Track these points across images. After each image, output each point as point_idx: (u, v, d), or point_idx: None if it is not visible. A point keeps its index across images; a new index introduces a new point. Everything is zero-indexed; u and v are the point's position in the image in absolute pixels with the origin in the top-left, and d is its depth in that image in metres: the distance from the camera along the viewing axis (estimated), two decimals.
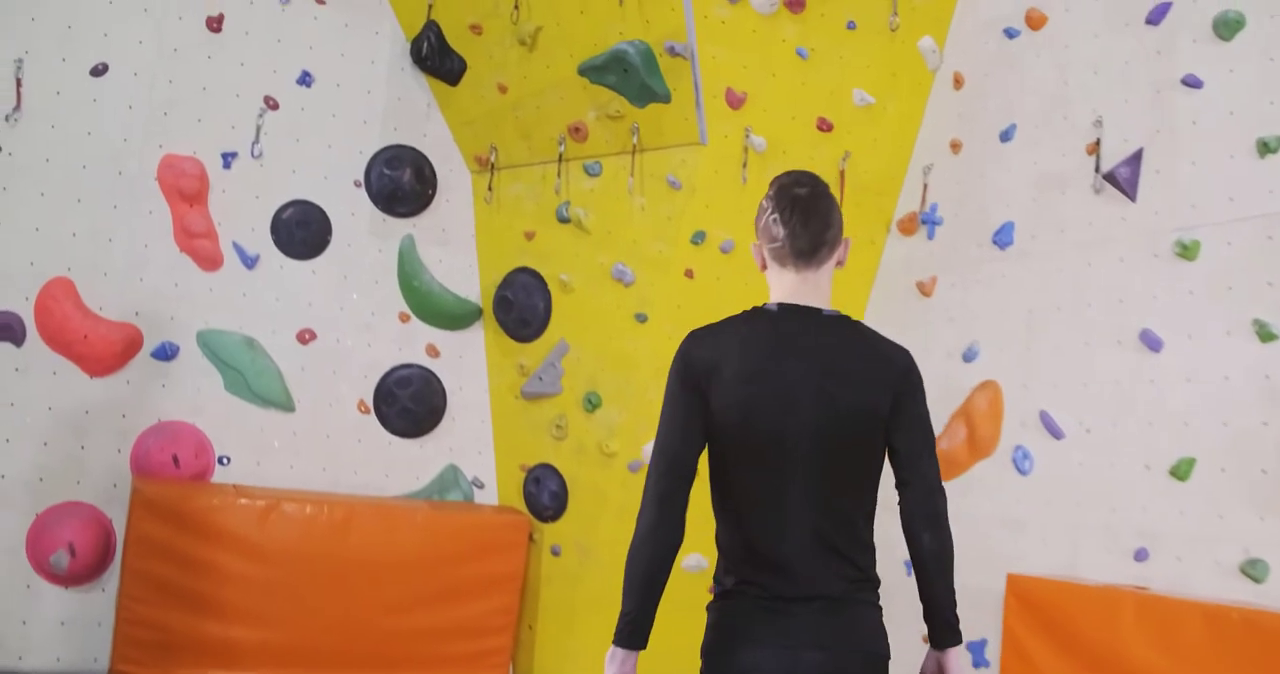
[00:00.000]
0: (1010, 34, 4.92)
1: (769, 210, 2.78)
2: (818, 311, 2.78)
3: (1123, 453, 4.29)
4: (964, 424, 4.90)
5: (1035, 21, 4.82)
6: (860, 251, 5.32)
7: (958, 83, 5.15)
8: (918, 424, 2.78)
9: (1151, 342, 4.24)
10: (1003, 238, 4.86)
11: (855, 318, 2.86)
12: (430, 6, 5.52)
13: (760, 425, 2.65)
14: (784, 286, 2.78)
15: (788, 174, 2.86)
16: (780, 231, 2.74)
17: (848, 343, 2.77)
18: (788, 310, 2.76)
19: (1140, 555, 4.18)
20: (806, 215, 2.74)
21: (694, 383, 2.70)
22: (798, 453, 2.66)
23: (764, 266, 2.85)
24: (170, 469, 5.12)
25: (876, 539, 2.76)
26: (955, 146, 5.12)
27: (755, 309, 2.82)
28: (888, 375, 2.75)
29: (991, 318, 4.88)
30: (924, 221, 5.21)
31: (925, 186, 5.23)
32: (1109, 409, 4.37)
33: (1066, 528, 4.45)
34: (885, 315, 5.26)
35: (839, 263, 2.84)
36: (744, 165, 5.03)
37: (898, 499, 2.73)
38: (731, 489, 2.73)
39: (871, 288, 5.42)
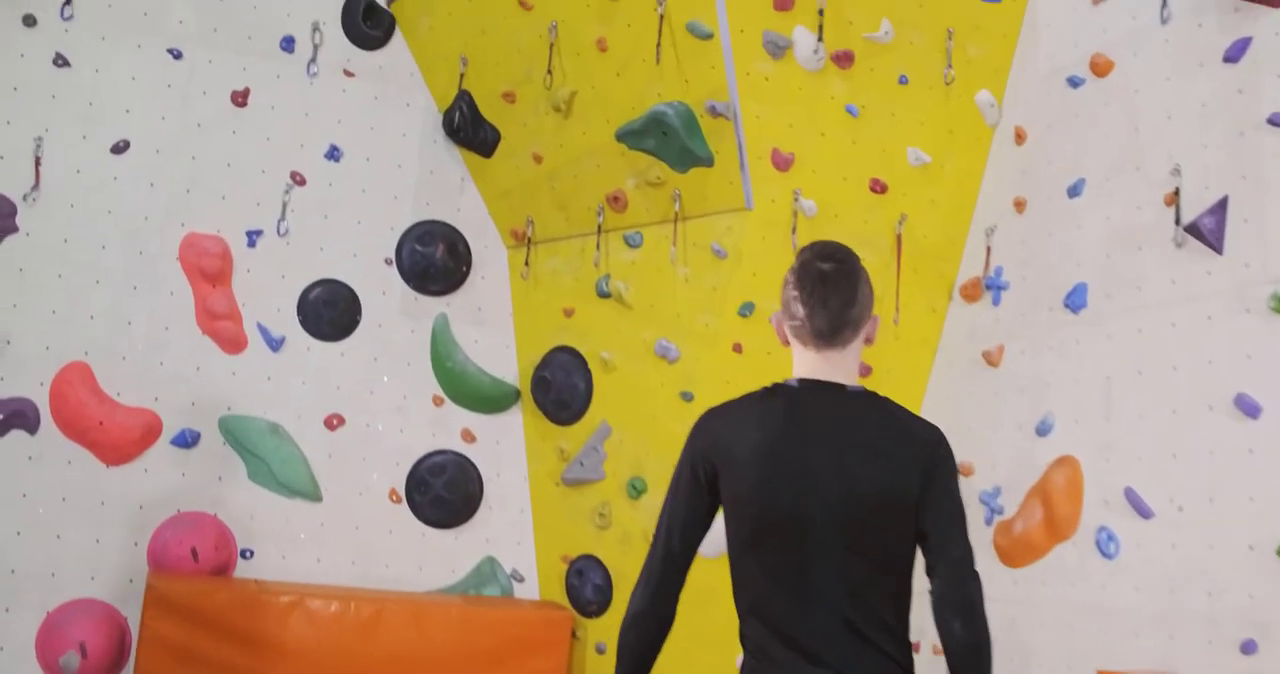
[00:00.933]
0: (1074, 83, 4.60)
1: (790, 286, 2.71)
2: (841, 388, 2.67)
3: (1222, 532, 3.85)
4: (1040, 504, 4.48)
5: (1101, 68, 4.50)
6: (921, 320, 4.98)
7: (1019, 137, 4.83)
8: (947, 505, 2.65)
9: (1248, 407, 3.82)
10: (1075, 300, 4.49)
11: (884, 392, 2.74)
12: (462, 76, 5.31)
13: (779, 506, 2.55)
14: (806, 363, 2.70)
15: (813, 246, 2.77)
16: (800, 310, 2.66)
17: (872, 420, 2.66)
18: (809, 386, 2.67)
19: (1248, 648, 3.71)
20: (828, 294, 2.64)
21: (704, 463, 2.66)
22: (819, 535, 2.55)
23: (786, 341, 2.76)
24: (189, 563, 4.82)
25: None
26: (1019, 205, 4.78)
27: (775, 385, 2.72)
28: (914, 453, 2.63)
29: (1066, 387, 4.49)
30: (988, 286, 4.86)
31: (988, 249, 4.88)
32: (1203, 484, 3.94)
33: (1161, 618, 4.00)
34: (950, 388, 4.91)
35: (867, 340, 2.74)
36: (793, 231, 4.72)
37: (929, 586, 2.62)
38: (752, 573, 2.62)
39: (934, 359, 5.06)
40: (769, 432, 2.62)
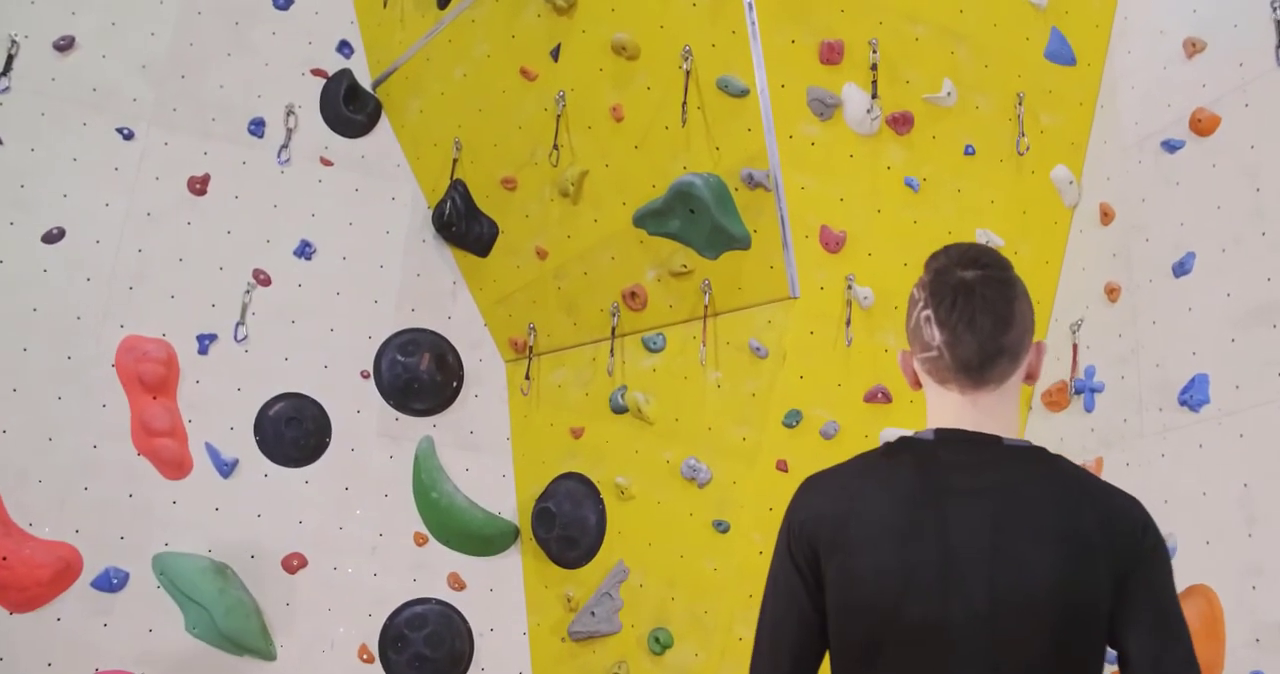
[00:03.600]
0: (1171, 147, 3.94)
1: (920, 304, 2.05)
2: (995, 441, 2.00)
3: None
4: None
5: (1205, 126, 3.85)
6: None
7: (1106, 216, 4.14)
8: (1160, 614, 1.92)
9: None
10: (1194, 396, 3.71)
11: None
12: (455, 163, 4.65)
13: (907, 612, 1.89)
14: (945, 409, 2.04)
15: (949, 251, 2.10)
16: (936, 335, 2.00)
17: (1044, 487, 1.97)
18: (950, 440, 2.01)
19: None
20: (975, 311, 1.98)
21: (804, 549, 2.01)
22: (964, 654, 1.87)
23: (916, 384, 2.12)
24: None
25: None
26: (1111, 293, 4.06)
27: (902, 439, 2.08)
28: (1109, 537, 1.92)
29: (1190, 501, 3.67)
30: (1078, 391, 4.09)
31: (1075, 347, 4.14)
32: None
33: None
34: None
35: (1029, 377, 2.08)
36: (847, 324, 3.98)
37: None
38: None
39: None
40: (893, 505, 1.97)
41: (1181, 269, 3.87)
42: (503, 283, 4.68)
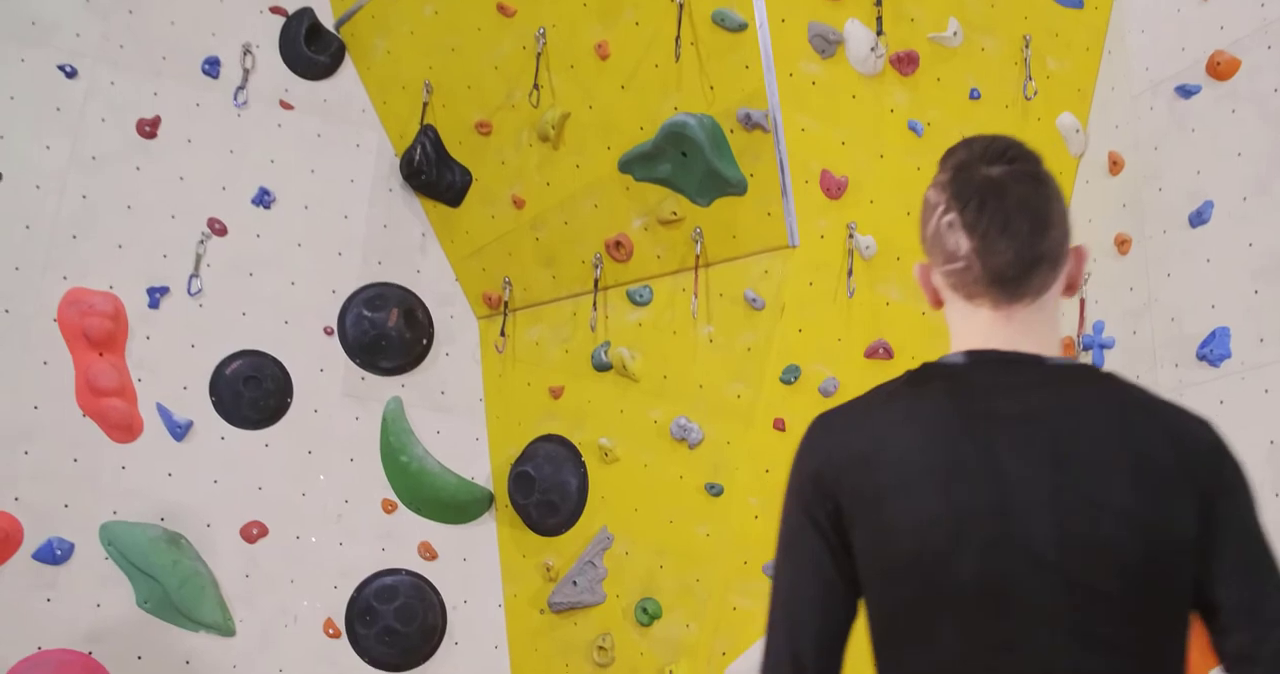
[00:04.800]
0: (1187, 92, 3.76)
1: (940, 207, 1.76)
2: (1038, 361, 1.72)
3: None
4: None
5: (1223, 70, 3.67)
6: None
7: (1115, 165, 3.96)
8: (1252, 553, 1.65)
9: None
10: (1214, 350, 3.54)
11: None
12: (425, 107, 4.36)
13: (962, 567, 1.60)
14: (975, 330, 1.75)
15: (970, 143, 1.81)
16: (963, 243, 1.72)
17: (1104, 410, 1.68)
18: (986, 362, 1.73)
19: None
20: (1010, 213, 1.70)
21: (828, 507, 1.70)
22: (1031, 609, 1.59)
23: (937, 301, 1.84)
24: None
25: None
26: (1122, 244, 3.88)
27: (926, 367, 1.78)
28: (1185, 464, 1.65)
29: None
30: (1086, 347, 3.91)
31: (1082, 302, 3.95)
32: None
33: None
34: None
35: (1069, 288, 1.80)
36: (848, 274, 3.76)
37: None
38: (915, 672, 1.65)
39: None
40: (929, 440, 1.67)
41: (1199, 219, 3.70)
42: (476, 234, 4.40)
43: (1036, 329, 1.74)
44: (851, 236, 3.77)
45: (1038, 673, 1.59)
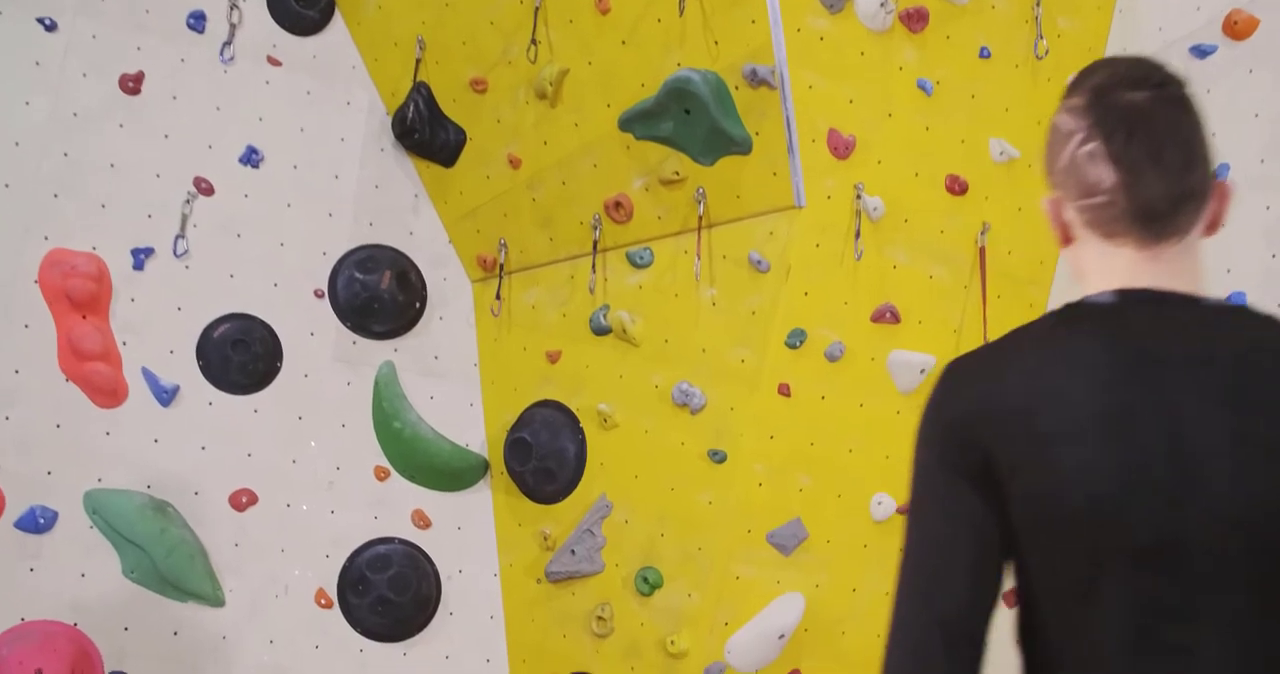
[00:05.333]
0: (1202, 52, 3.67)
1: (1079, 136, 1.63)
2: (1194, 302, 1.62)
3: None
4: None
5: (1240, 29, 3.58)
6: None
7: None
8: None
9: None
10: None
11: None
12: (418, 63, 4.24)
13: (1134, 524, 1.49)
14: (1115, 271, 1.63)
15: (1112, 63, 1.72)
16: (1106, 176, 1.60)
17: (1276, 353, 1.55)
18: (1140, 303, 1.60)
19: None
20: (1161, 141, 1.59)
21: (976, 460, 1.56)
22: (1214, 574, 1.48)
23: (1067, 239, 1.71)
24: None
25: None
26: None
27: (1070, 307, 1.66)
28: None
29: None
30: None
31: None
32: None
33: None
34: None
35: (1210, 227, 1.69)
36: (856, 236, 3.66)
37: None
38: (1081, 644, 1.52)
39: None
40: (1090, 384, 1.55)
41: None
42: (470, 195, 4.29)
43: (1184, 270, 1.64)
44: (859, 197, 3.68)
45: (1214, 642, 1.47)
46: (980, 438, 1.56)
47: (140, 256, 3.94)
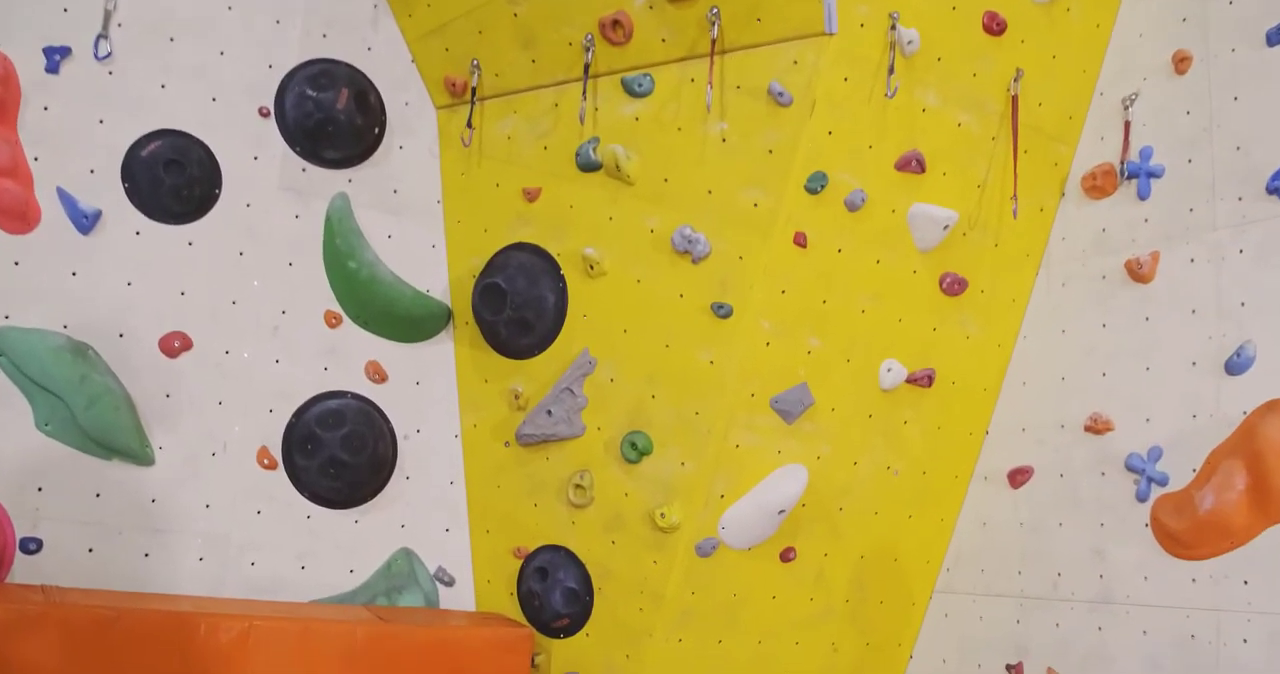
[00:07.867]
0: None
1: None
2: None
3: None
4: (1243, 469, 3.20)
5: None
6: (1026, 222, 3.67)
7: None
8: None
9: None
10: None
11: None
12: None
13: None
14: None
15: None
16: None
17: None
18: None
19: None
20: None
21: None
22: None
23: None
24: None
25: None
26: (1181, 63, 3.50)
27: None
28: None
29: (1274, 303, 3.21)
30: (1130, 175, 3.55)
31: (1127, 125, 3.59)
32: None
33: None
34: (1066, 312, 3.70)
35: None
36: (890, 71, 3.30)
37: None
38: None
39: (1036, 275, 3.74)
40: None
41: (1279, 36, 3.33)
42: (439, 7, 3.80)
43: None
44: (894, 28, 3.34)
45: None
46: None
47: (55, 57, 3.46)
